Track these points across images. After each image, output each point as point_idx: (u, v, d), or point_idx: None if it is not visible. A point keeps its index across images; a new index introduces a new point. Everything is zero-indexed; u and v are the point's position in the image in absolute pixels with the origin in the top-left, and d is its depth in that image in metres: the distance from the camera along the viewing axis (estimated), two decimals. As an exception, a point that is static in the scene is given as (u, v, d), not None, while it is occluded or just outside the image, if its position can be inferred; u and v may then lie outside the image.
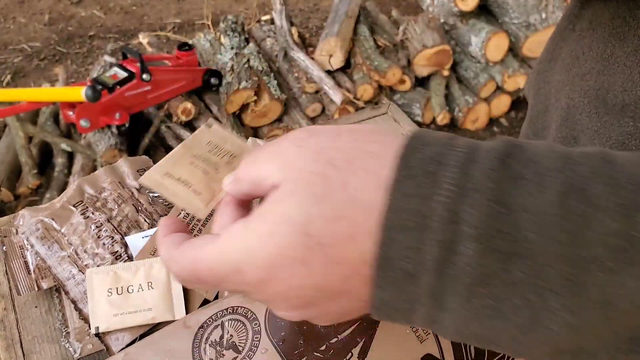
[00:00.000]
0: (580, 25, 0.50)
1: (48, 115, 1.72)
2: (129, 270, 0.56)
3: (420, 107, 1.92)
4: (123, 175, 0.67)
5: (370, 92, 1.84)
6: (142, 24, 2.44)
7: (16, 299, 0.60)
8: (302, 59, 1.87)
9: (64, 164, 1.61)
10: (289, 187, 0.25)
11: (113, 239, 0.60)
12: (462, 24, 2.02)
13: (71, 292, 0.57)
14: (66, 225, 0.61)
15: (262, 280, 0.25)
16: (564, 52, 0.52)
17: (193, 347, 0.51)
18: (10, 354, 0.55)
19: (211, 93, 1.79)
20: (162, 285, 0.56)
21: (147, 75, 1.56)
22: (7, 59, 2.22)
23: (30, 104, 1.47)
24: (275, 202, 0.25)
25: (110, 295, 0.54)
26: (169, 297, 0.56)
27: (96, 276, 0.56)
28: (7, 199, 1.56)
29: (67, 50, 2.30)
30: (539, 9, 1.94)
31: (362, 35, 1.95)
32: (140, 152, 1.64)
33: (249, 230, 0.26)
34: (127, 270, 0.56)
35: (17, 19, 2.45)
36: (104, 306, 0.54)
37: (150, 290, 0.55)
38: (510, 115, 2.14)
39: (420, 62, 1.92)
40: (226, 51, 1.85)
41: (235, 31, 1.92)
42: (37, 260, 0.59)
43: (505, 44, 1.94)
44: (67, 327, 0.56)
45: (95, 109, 1.50)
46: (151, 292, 0.55)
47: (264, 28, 2.00)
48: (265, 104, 1.75)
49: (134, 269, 0.56)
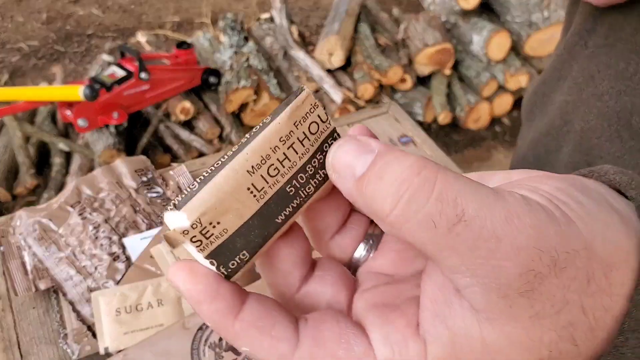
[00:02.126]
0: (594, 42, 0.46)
1: (45, 114, 1.72)
2: (135, 290, 0.56)
3: (422, 107, 1.91)
4: (121, 176, 0.66)
5: (371, 91, 1.83)
6: (141, 23, 2.43)
7: (14, 300, 0.59)
8: (302, 57, 1.86)
9: (61, 163, 1.60)
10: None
11: (111, 239, 0.59)
12: (464, 23, 2.01)
13: (69, 293, 0.56)
14: (63, 226, 0.60)
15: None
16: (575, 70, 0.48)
17: (192, 349, 0.51)
18: (8, 356, 0.54)
19: (210, 92, 1.78)
20: (172, 302, 0.56)
21: (146, 74, 1.55)
22: (5, 58, 2.21)
23: (28, 103, 1.46)
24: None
25: (119, 314, 0.55)
26: (181, 312, 0.56)
27: (102, 298, 0.55)
28: (5, 199, 1.55)
29: (65, 49, 2.29)
30: (541, 8, 1.93)
31: (362, 33, 1.94)
32: (138, 152, 1.63)
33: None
34: (133, 290, 0.56)
35: (15, 17, 2.44)
36: (113, 326, 0.54)
37: (161, 306, 0.56)
38: (512, 114, 2.13)
39: (422, 61, 1.91)
40: (225, 50, 1.84)
41: (234, 30, 1.91)
42: (34, 261, 0.58)
43: (507, 42, 1.93)
44: (65, 328, 0.55)
45: (93, 109, 1.49)
46: (162, 309, 0.56)
47: (264, 26, 1.99)
48: (265, 103, 1.74)
49: (141, 288, 0.56)
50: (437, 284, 0.20)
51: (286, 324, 0.20)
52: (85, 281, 0.57)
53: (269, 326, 0.20)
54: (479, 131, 2.06)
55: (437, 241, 0.18)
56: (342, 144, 0.20)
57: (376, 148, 0.19)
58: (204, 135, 1.69)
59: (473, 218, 0.17)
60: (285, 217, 0.21)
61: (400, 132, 0.88)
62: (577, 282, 0.18)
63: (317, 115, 0.21)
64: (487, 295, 0.18)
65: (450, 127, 2.01)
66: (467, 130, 2.04)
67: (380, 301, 0.22)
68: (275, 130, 0.20)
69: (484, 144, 2.06)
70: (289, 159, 0.21)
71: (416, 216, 0.18)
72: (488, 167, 2.00)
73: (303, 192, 0.21)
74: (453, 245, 0.17)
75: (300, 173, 0.21)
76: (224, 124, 1.71)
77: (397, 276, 0.23)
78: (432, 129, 2.00)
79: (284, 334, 0.20)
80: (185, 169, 0.71)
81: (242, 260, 0.20)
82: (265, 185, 0.20)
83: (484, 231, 0.17)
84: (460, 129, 2.03)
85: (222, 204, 0.19)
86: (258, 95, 1.74)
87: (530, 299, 0.18)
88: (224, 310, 0.19)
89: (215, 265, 0.20)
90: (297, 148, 0.21)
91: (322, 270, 0.23)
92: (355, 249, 0.24)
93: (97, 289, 0.57)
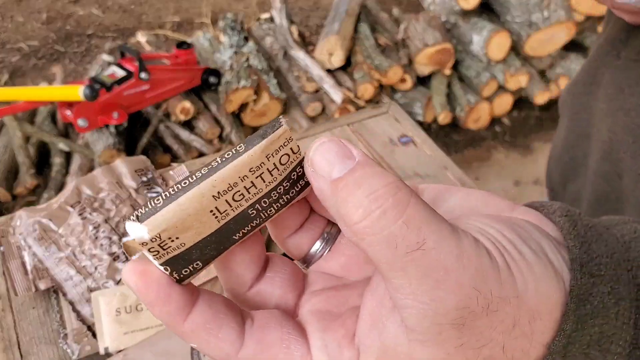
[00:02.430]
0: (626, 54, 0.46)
1: (45, 114, 1.71)
2: None
3: (422, 107, 1.91)
4: (121, 176, 0.66)
5: (371, 91, 1.83)
6: (141, 23, 2.43)
7: (14, 300, 0.59)
8: (302, 57, 1.86)
9: (61, 163, 1.60)
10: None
11: (111, 239, 0.59)
12: (464, 23, 2.01)
13: (69, 293, 0.56)
14: (63, 226, 0.60)
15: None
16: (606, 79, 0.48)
17: (192, 349, 0.51)
18: (8, 356, 0.54)
19: (210, 92, 1.78)
20: None
21: (146, 74, 1.55)
22: (5, 58, 2.21)
23: (28, 103, 1.46)
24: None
25: (119, 314, 0.54)
26: None
27: (102, 298, 0.55)
28: (5, 199, 1.55)
29: (65, 49, 2.29)
30: (541, 8, 1.93)
31: (362, 33, 1.94)
32: (138, 152, 1.63)
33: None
34: None
35: (15, 17, 2.44)
36: (113, 326, 0.54)
37: None
38: (512, 114, 2.13)
39: (422, 61, 1.91)
40: (225, 50, 1.84)
41: (234, 29, 1.91)
42: (34, 261, 0.58)
43: (507, 42, 1.93)
44: (65, 328, 0.55)
45: (93, 109, 1.49)
46: None
47: (264, 26, 1.99)
48: (265, 103, 1.74)
49: None
50: (377, 298, 0.21)
51: (233, 325, 0.21)
52: (85, 281, 0.57)
53: (216, 328, 0.21)
54: (479, 131, 2.06)
55: (394, 261, 0.19)
56: (325, 143, 0.20)
57: (357, 156, 0.20)
58: (204, 135, 1.69)
59: (430, 249, 0.19)
60: (243, 234, 0.22)
61: (400, 132, 0.88)
62: (504, 325, 0.20)
63: (289, 148, 0.21)
64: (422, 320, 0.19)
65: (450, 127, 2.01)
66: (467, 130, 2.04)
67: (324, 308, 0.23)
68: (247, 161, 0.20)
69: (483, 144, 2.06)
70: (256, 186, 0.21)
71: (382, 232, 0.19)
72: (488, 167, 2.00)
73: (264, 214, 0.22)
74: (406, 268, 0.19)
75: (265, 198, 0.22)
76: (224, 124, 1.71)
77: (344, 280, 0.25)
78: (432, 129, 2.00)
79: (229, 337, 0.21)
80: (185, 169, 0.71)
81: (194, 269, 0.21)
82: (228, 209, 0.21)
83: (437, 263, 0.19)
84: (460, 129, 2.03)
85: (183, 224, 0.20)
86: (258, 95, 1.73)
87: (459, 332, 0.19)
88: (174, 312, 0.20)
89: (169, 271, 0.21)
90: (265, 177, 0.21)
91: (272, 271, 0.24)
92: (311, 247, 0.26)
93: (97, 289, 0.57)
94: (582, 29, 2.04)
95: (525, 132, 2.11)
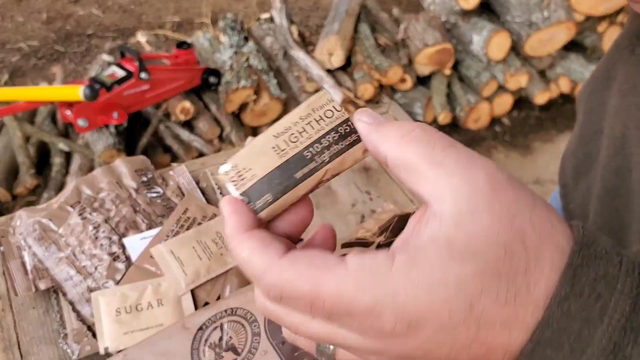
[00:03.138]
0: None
1: (45, 114, 1.72)
2: (135, 289, 0.56)
3: (422, 107, 1.91)
4: (121, 176, 0.66)
5: (371, 91, 1.83)
6: (141, 23, 2.43)
7: (14, 300, 0.59)
8: (302, 57, 1.86)
9: (61, 163, 1.60)
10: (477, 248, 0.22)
11: (111, 239, 0.59)
12: (464, 23, 2.01)
13: (69, 293, 0.56)
14: (63, 226, 0.60)
15: (398, 333, 0.23)
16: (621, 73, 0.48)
17: (192, 349, 0.51)
18: (8, 356, 0.54)
19: (210, 92, 1.78)
20: (172, 302, 0.56)
21: (146, 74, 1.55)
22: (5, 58, 2.21)
23: (28, 103, 1.46)
24: (454, 259, 0.22)
25: (119, 314, 0.54)
26: (181, 312, 0.56)
27: (102, 298, 0.55)
28: (5, 199, 1.55)
29: (65, 49, 2.29)
30: (541, 8, 1.93)
31: (362, 33, 1.94)
32: (138, 152, 1.64)
33: (405, 275, 0.23)
34: (133, 290, 0.56)
35: (15, 17, 2.44)
36: (113, 326, 0.54)
37: (161, 307, 0.55)
38: (512, 114, 2.13)
39: (422, 61, 1.91)
40: (225, 50, 1.84)
41: (234, 29, 1.91)
42: (34, 261, 0.58)
43: (507, 42, 1.93)
44: (65, 328, 0.55)
45: (93, 109, 1.49)
46: (162, 309, 0.55)
47: (264, 26, 1.99)
48: (265, 103, 1.74)
49: (140, 288, 0.56)
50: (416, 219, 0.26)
51: (282, 244, 0.26)
52: (85, 281, 0.57)
53: (268, 239, 0.26)
54: (479, 131, 2.06)
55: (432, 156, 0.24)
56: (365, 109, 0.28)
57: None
58: (204, 135, 1.69)
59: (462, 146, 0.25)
60: (303, 175, 0.27)
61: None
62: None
63: (332, 106, 0.27)
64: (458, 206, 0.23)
65: (450, 127, 2.01)
66: (467, 130, 2.04)
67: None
68: (295, 112, 0.28)
69: (484, 144, 2.06)
70: (307, 131, 0.27)
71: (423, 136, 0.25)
72: (488, 167, 2.00)
73: (318, 158, 0.27)
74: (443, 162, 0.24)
75: (316, 143, 0.27)
76: (224, 124, 1.71)
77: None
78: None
79: (276, 249, 0.25)
80: (185, 169, 0.71)
81: (266, 202, 0.27)
82: (286, 147, 0.27)
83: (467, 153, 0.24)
84: (460, 129, 2.03)
85: (253, 157, 0.27)
86: (258, 95, 1.73)
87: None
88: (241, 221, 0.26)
89: (247, 201, 0.27)
90: (314, 125, 0.27)
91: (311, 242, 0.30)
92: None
93: (97, 289, 0.57)
94: (582, 29, 2.04)
95: (525, 132, 2.11)
